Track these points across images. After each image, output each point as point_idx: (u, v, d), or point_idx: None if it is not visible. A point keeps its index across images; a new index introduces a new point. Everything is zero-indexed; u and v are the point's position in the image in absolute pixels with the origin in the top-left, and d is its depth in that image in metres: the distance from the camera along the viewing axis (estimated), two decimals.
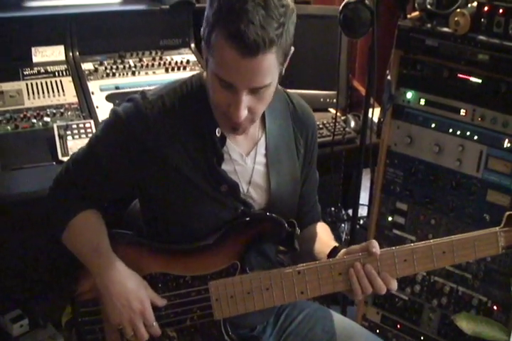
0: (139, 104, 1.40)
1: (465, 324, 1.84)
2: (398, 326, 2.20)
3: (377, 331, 2.23)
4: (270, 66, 1.24)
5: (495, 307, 1.95)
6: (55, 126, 2.12)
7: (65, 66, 2.42)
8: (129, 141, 1.40)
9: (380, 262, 1.38)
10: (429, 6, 1.91)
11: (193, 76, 1.47)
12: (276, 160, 1.50)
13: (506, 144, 1.87)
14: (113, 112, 1.45)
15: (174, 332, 1.46)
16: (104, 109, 2.24)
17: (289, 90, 1.62)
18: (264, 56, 1.21)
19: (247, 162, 1.47)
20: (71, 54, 2.45)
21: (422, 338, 2.14)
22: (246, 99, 1.28)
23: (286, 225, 1.42)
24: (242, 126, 1.35)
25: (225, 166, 1.44)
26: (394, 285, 1.37)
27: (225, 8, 1.21)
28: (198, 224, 1.45)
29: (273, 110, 1.47)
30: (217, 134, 1.41)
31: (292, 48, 1.33)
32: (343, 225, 2.81)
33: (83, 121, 2.18)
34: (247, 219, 1.45)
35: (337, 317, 1.65)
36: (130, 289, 1.40)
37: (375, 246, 1.36)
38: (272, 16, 1.20)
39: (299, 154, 1.55)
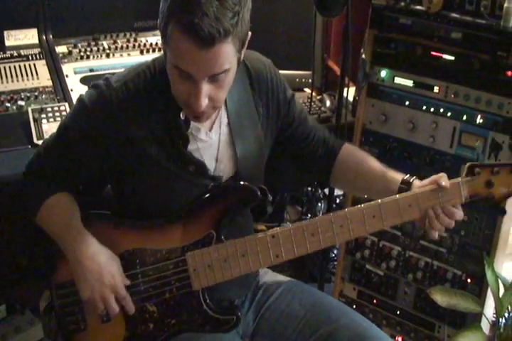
0: (103, 91, 1.42)
1: (440, 297, 1.87)
2: (374, 301, 2.23)
3: (354, 306, 2.26)
4: (227, 54, 1.26)
5: (468, 280, 1.99)
6: (29, 109, 2.10)
7: (39, 49, 2.39)
8: (94, 128, 1.42)
9: (350, 220, 1.42)
10: None
11: (155, 59, 1.47)
12: (239, 126, 1.51)
13: (479, 120, 1.89)
14: (78, 100, 1.47)
15: (154, 306, 1.47)
16: (78, 92, 2.21)
17: None
18: (220, 46, 1.23)
19: (212, 137, 1.49)
20: (44, 37, 2.42)
21: (398, 312, 2.18)
22: (206, 88, 1.29)
23: (258, 193, 1.45)
24: (205, 115, 1.37)
25: (190, 147, 1.46)
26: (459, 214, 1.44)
27: (179, 1, 1.22)
28: (168, 202, 1.47)
29: None
30: (182, 117, 1.43)
31: (249, 34, 1.33)
32: (319, 204, 2.84)
33: (58, 104, 2.16)
34: (220, 189, 1.47)
35: (314, 291, 1.68)
36: (102, 263, 1.42)
37: (444, 180, 1.43)
38: (226, 6, 1.22)
39: (259, 115, 1.55)
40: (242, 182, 1.47)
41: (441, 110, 1.97)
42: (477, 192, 1.45)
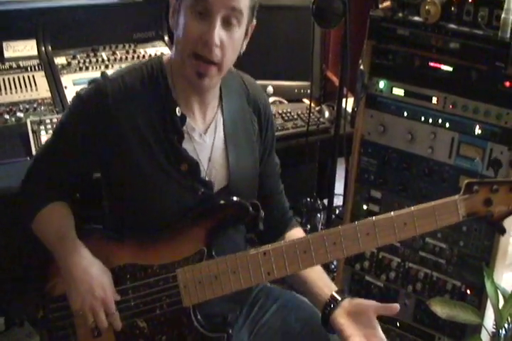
0: (99, 83, 1.44)
1: (440, 308, 1.86)
2: None
3: None
4: None
5: (468, 291, 1.98)
6: (28, 121, 2.10)
7: (38, 61, 2.40)
8: (90, 120, 1.43)
9: (344, 237, 1.40)
10: None
11: (151, 59, 1.51)
12: (234, 136, 1.52)
13: (477, 131, 1.89)
14: (75, 96, 1.49)
15: (144, 322, 1.46)
16: None
17: (264, 81, 1.64)
18: None
19: (206, 140, 1.50)
20: (43, 48, 2.43)
21: (398, 324, 2.16)
22: (219, 29, 1.33)
23: (250, 209, 1.44)
24: (209, 73, 1.37)
25: (185, 145, 1.46)
26: None
27: None
28: (159, 207, 1.46)
29: (229, 88, 1.52)
30: (178, 113, 1.44)
31: (254, 21, 1.41)
32: (318, 215, 2.83)
33: (57, 115, 2.16)
34: (212, 205, 1.46)
35: (311, 305, 1.63)
36: (94, 275, 1.41)
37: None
38: None
39: (254, 130, 1.57)
40: (234, 198, 1.46)
41: (440, 121, 1.97)
42: (475, 211, 1.39)
